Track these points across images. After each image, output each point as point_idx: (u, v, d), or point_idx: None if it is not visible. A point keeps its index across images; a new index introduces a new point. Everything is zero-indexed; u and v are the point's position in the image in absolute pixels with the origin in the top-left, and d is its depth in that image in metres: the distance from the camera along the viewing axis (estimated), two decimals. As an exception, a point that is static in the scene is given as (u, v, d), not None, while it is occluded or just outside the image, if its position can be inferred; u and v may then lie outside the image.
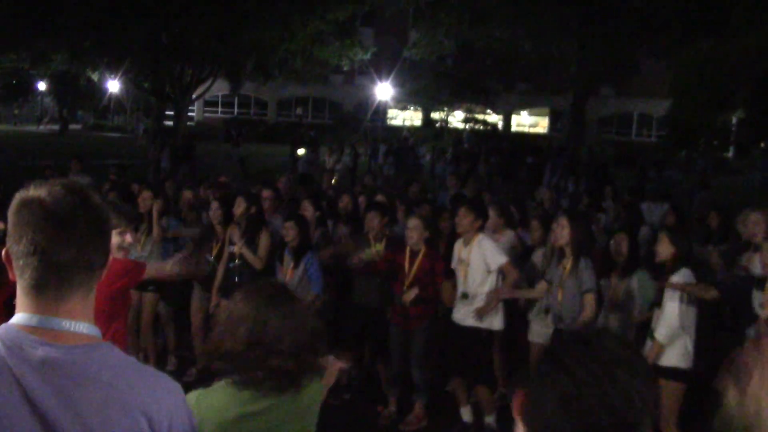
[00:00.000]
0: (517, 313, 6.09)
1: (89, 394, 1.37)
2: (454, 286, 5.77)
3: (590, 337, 1.34)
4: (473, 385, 5.72)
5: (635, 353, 1.34)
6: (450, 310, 5.85)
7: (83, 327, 1.43)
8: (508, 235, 6.52)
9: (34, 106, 48.26)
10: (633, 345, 1.41)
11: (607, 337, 1.33)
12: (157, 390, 1.46)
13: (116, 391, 1.39)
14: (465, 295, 5.65)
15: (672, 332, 4.80)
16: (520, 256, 6.30)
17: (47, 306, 1.40)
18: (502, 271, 5.53)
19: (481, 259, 5.55)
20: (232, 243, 6.31)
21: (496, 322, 5.62)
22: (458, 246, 5.78)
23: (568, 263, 5.25)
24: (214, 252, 6.49)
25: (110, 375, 1.40)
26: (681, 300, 4.80)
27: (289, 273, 6.04)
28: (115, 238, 5.93)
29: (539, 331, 5.86)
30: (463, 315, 5.65)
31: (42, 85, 44.52)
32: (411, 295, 5.71)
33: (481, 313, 5.50)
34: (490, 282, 5.57)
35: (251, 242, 6.21)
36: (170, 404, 1.48)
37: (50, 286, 1.40)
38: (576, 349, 1.29)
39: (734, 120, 30.74)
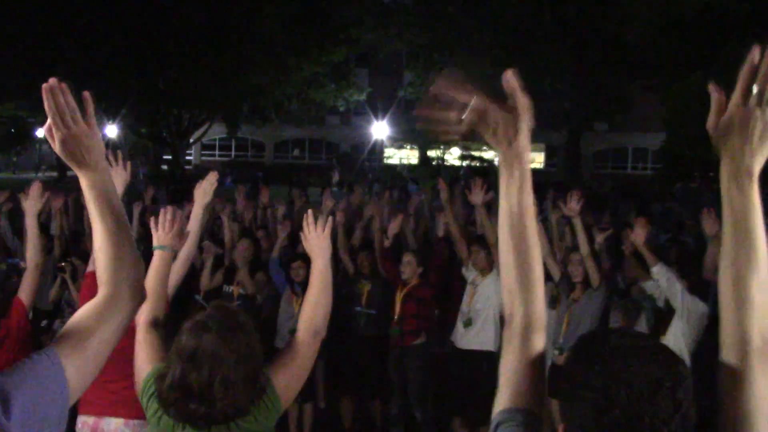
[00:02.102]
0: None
1: None
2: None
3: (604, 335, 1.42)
4: (476, 426, 5.64)
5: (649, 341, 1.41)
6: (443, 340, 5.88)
7: None
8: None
9: (32, 153, 48.50)
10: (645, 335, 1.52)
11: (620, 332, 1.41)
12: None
13: None
14: (469, 322, 5.62)
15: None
16: None
17: None
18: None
19: (494, 292, 5.54)
20: (229, 282, 6.30)
21: (494, 343, 5.59)
22: (473, 275, 5.79)
23: (578, 295, 5.32)
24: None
25: None
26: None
27: (296, 305, 6.07)
28: None
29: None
30: (464, 339, 5.65)
31: (40, 132, 44.80)
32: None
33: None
34: (493, 315, 5.57)
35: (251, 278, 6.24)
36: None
37: None
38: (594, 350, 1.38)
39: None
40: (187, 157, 43.34)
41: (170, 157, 37.22)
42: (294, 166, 44.75)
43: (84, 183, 1.74)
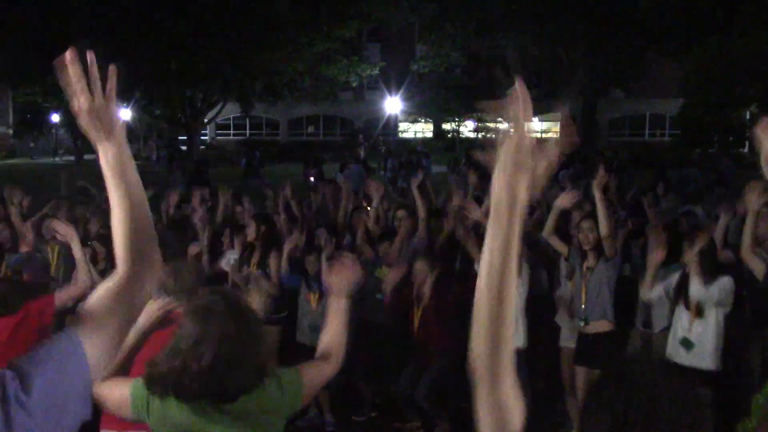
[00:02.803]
0: (540, 323, 5.99)
1: None
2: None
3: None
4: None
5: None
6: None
7: None
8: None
9: (49, 138, 48.81)
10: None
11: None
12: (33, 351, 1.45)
13: None
14: None
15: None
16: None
17: None
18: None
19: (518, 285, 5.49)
20: (248, 264, 6.32)
21: (518, 339, 5.52)
22: None
23: (592, 263, 5.25)
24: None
25: None
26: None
27: (313, 301, 6.05)
28: None
29: (568, 335, 5.79)
30: None
31: (56, 117, 45.06)
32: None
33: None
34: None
35: (264, 264, 6.19)
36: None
37: None
38: None
39: (747, 115, 30.51)
40: (202, 137, 43.42)
41: (186, 137, 37.33)
42: (308, 143, 44.70)
43: (103, 157, 1.73)
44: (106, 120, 1.72)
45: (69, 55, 1.64)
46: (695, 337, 4.87)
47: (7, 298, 4.12)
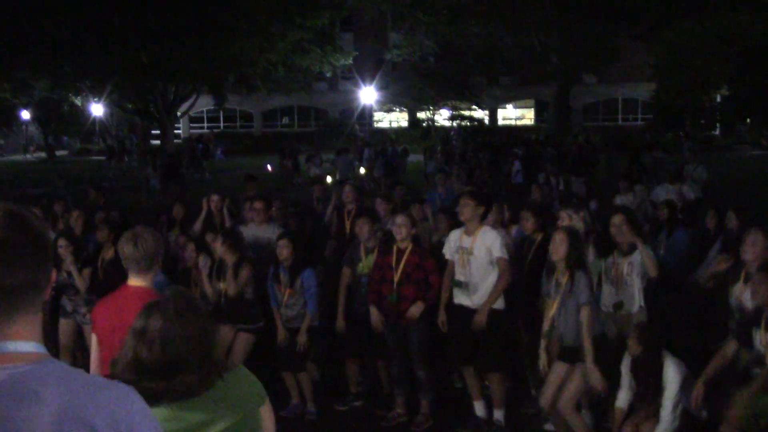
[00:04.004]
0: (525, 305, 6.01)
1: (30, 412, 1.34)
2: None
3: None
4: (486, 372, 5.69)
5: None
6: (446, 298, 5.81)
7: (30, 346, 1.42)
8: (515, 230, 6.61)
9: (19, 135, 48.06)
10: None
11: None
12: (104, 399, 1.42)
13: (58, 405, 1.36)
14: (459, 284, 5.62)
15: None
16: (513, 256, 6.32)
17: None
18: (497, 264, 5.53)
19: (485, 249, 5.53)
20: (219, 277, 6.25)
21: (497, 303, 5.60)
22: (457, 234, 5.74)
23: (563, 278, 5.18)
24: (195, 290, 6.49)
25: (53, 390, 1.38)
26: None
27: (287, 293, 6.01)
28: None
29: None
30: (465, 302, 5.63)
31: (26, 114, 44.38)
32: (416, 311, 5.70)
33: (476, 325, 5.51)
34: (494, 274, 5.55)
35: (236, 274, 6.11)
36: (120, 411, 1.43)
37: None
38: None
39: (718, 98, 30.88)
40: (176, 131, 43.03)
41: (159, 131, 36.98)
42: (283, 134, 44.48)
43: None
44: None
45: None
46: None
47: None
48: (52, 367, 1.42)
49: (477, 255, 5.57)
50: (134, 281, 3.57)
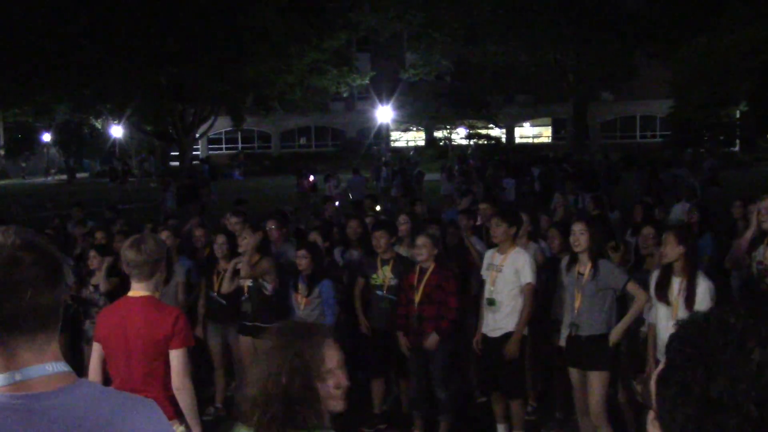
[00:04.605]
0: (547, 319, 5.98)
1: None
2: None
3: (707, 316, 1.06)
4: (509, 399, 5.64)
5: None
6: (469, 321, 5.78)
7: (61, 366, 1.42)
8: (533, 248, 6.50)
9: (40, 158, 48.70)
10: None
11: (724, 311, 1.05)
12: (140, 418, 1.45)
13: (105, 426, 1.38)
14: (492, 302, 5.57)
15: None
16: (542, 267, 6.23)
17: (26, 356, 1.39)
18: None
19: (513, 270, 5.50)
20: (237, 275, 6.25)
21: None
22: (490, 254, 5.74)
23: (586, 269, 5.16)
24: (216, 286, 6.45)
25: (97, 410, 1.40)
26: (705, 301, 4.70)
27: (303, 302, 6.01)
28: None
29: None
30: (492, 326, 5.57)
31: (47, 137, 45.00)
32: (432, 343, 5.65)
33: (509, 355, 5.46)
34: (519, 297, 5.50)
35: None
36: (158, 427, 1.47)
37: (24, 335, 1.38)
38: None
39: (738, 114, 30.66)
40: (194, 152, 43.41)
41: (177, 153, 37.32)
42: (301, 155, 44.72)
43: None
44: None
45: None
46: None
47: None
48: (86, 388, 1.45)
49: (505, 273, 5.54)
50: (136, 290, 3.55)
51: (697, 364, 0.99)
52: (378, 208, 7.70)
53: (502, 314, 5.54)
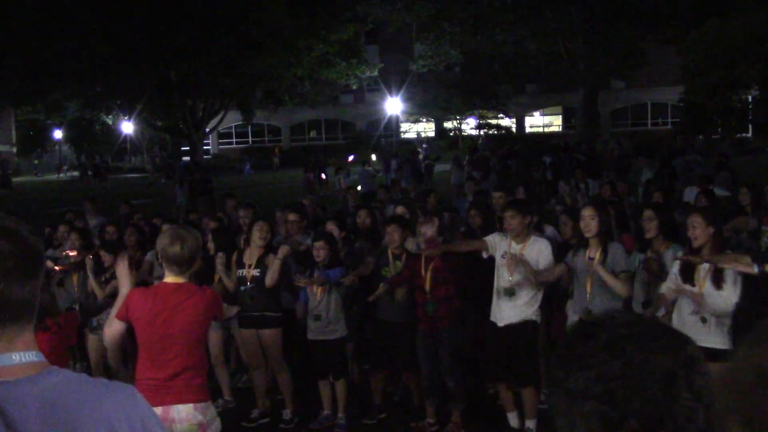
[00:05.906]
0: (556, 311, 5.98)
1: (52, 418, 1.35)
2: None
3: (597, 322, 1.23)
4: (520, 388, 5.64)
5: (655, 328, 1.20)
6: (482, 313, 5.76)
7: (33, 356, 1.41)
8: (550, 230, 6.56)
9: (52, 155, 48.99)
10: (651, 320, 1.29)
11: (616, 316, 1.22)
12: (118, 399, 1.44)
13: (78, 411, 1.37)
14: (511, 292, 5.53)
15: (728, 313, 4.60)
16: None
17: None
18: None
19: (534, 258, 5.45)
20: (241, 267, 6.28)
21: (534, 314, 5.54)
22: (506, 241, 5.62)
23: (597, 252, 5.14)
24: (216, 279, 6.49)
25: (69, 396, 1.39)
26: (736, 282, 4.61)
27: (319, 291, 6.04)
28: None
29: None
30: (507, 314, 5.54)
31: (58, 134, 45.26)
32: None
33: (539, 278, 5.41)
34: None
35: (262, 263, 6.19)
36: (132, 410, 1.45)
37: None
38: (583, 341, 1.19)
39: (750, 99, 30.38)
40: (205, 147, 43.52)
41: (188, 148, 37.45)
42: (311, 148, 44.75)
43: None
44: None
45: None
46: None
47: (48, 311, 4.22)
48: (61, 375, 1.42)
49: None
50: (171, 279, 3.64)
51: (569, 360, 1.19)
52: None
53: (521, 303, 5.52)
